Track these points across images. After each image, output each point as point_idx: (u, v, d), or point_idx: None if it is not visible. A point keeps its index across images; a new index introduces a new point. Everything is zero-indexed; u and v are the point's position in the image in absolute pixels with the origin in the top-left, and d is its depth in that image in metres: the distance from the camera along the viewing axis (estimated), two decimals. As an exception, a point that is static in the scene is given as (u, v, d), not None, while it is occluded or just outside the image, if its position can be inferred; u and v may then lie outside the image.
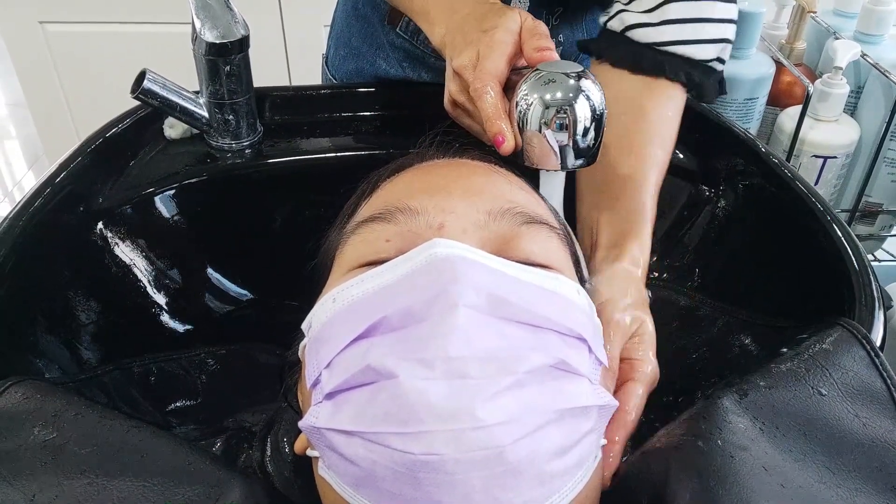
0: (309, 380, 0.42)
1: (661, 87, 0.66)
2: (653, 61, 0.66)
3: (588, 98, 0.52)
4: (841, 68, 0.89)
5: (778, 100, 1.00)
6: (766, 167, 0.69)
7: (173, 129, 0.76)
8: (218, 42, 0.69)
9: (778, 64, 0.97)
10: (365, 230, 0.47)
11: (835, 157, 0.92)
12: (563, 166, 0.55)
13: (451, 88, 0.61)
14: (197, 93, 0.74)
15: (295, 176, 0.76)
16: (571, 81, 0.52)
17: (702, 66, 0.67)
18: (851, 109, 0.97)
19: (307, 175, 0.76)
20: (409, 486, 0.36)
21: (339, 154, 0.77)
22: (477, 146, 0.58)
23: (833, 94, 0.90)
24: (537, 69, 0.54)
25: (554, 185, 0.57)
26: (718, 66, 0.68)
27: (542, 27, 0.58)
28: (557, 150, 0.53)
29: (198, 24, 0.69)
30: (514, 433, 0.36)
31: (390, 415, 0.36)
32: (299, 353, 0.47)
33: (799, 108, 0.90)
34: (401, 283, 0.41)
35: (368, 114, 0.82)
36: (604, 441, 0.45)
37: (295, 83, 1.72)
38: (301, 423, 0.41)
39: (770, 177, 0.68)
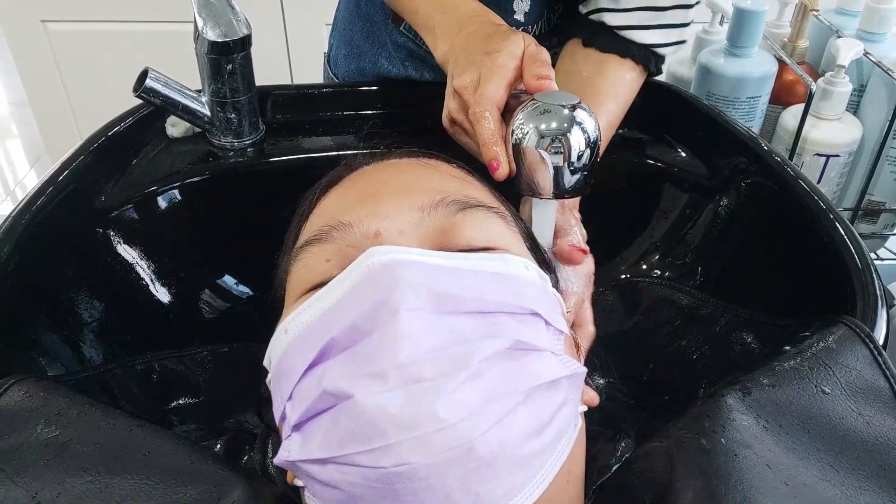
0: (276, 415, 0.42)
1: (621, 61, 0.73)
2: (622, 44, 0.72)
3: (583, 129, 0.53)
4: (843, 67, 0.89)
5: (780, 98, 0.99)
6: (768, 166, 0.69)
7: (175, 127, 0.76)
8: (220, 41, 0.69)
9: (780, 62, 0.96)
10: (305, 255, 0.47)
11: (837, 156, 0.91)
12: (557, 194, 0.55)
13: (451, 107, 0.62)
14: (199, 91, 0.74)
15: (297, 175, 0.75)
16: (566, 112, 0.53)
17: (661, 57, 0.76)
18: (854, 108, 0.96)
19: (309, 174, 0.75)
20: (389, 500, 0.36)
21: (341, 153, 0.77)
22: (403, 143, 0.58)
23: (835, 93, 0.90)
24: (534, 99, 0.55)
25: (547, 213, 0.58)
26: (670, 58, 0.78)
27: (544, 54, 0.59)
28: (551, 178, 0.54)
29: (200, 23, 0.69)
30: (480, 426, 0.36)
31: (355, 435, 0.36)
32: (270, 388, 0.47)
33: (801, 106, 0.90)
34: (343, 300, 0.41)
35: (370, 112, 0.82)
36: (583, 407, 0.45)
37: (297, 82, 1.72)
38: (276, 460, 0.41)
39: (772, 175, 0.68)
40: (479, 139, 0.56)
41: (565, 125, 0.53)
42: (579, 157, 0.54)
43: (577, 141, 0.53)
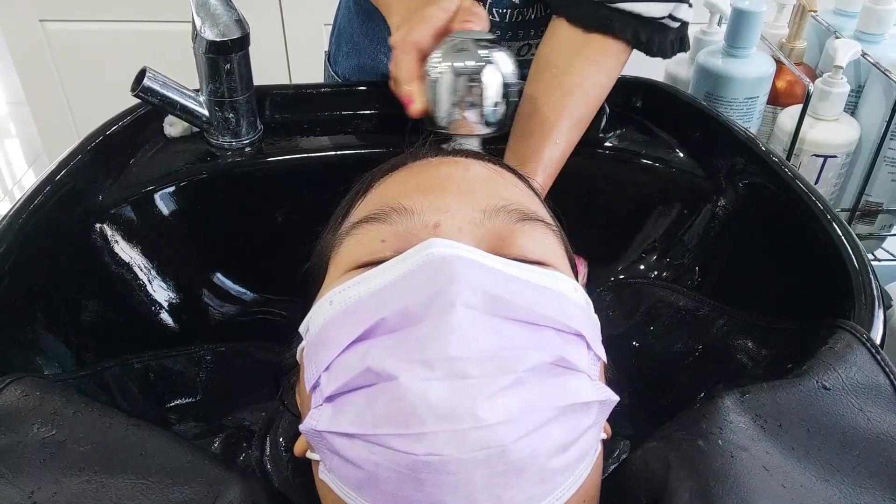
0: (308, 383, 0.42)
1: (602, 42, 0.69)
2: (602, 19, 0.68)
3: (497, 67, 0.53)
4: (841, 67, 0.89)
5: (778, 99, 0.99)
6: (766, 166, 0.69)
7: (173, 127, 0.76)
8: (218, 40, 0.69)
9: (778, 63, 0.97)
10: (360, 231, 0.47)
11: (835, 157, 0.92)
12: (473, 133, 0.55)
13: (390, 65, 0.63)
14: (197, 91, 0.74)
15: (295, 174, 0.76)
16: (482, 51, 0.53)
17: (654, 23, 0.70)
18: (852, 108, 0.97)
19: (307, 173, 0.76)
20: (411, 488, 0.36)
21: (339, 152, 0.77)
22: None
23: (833, 94, 0.90)
24: (451, 36, 0.55)
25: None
26: (672, 24, 0.71)
27: (481, 10, 0.60)
28: (467, 116, 0.54)
29: (198, 22, 0.69)
30: (516, 431, 0.36)
31: (391, 416, 0.36)
32: (297, 357, 0.46)
33: (799, 107, 0.90)
34: (398, 283, 0.41)
35: (369, 112, 0.82)
36: (604, 435, 0.45)
37: (295, 81, 1.72)
38: (302, 427, 0.40)
39: (770, 176, 0.68)
40: (396, 78, 0.58)
41: (480, 63, 0.53)
42: (494, 95, 0.54)
43: (491, 79, 0.53)
